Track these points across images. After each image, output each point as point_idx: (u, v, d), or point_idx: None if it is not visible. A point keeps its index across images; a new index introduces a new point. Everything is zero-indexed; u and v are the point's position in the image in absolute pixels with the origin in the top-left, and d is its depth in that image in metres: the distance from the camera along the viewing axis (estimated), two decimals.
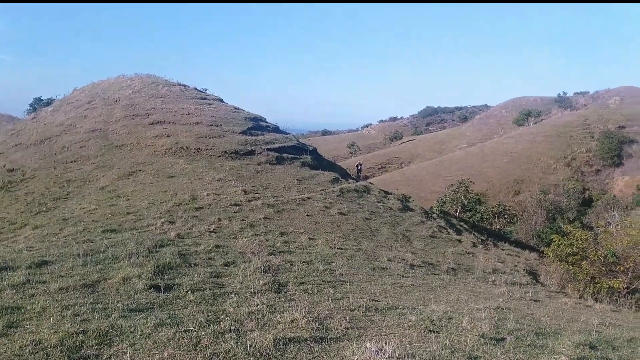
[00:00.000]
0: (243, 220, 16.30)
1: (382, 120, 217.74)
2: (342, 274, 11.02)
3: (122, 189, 20.90)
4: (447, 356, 5.63)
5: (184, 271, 9.26)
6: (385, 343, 5.29)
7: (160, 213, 15.96)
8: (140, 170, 23.75)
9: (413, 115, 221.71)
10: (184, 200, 17.75)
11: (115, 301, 7.07)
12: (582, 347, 6.96)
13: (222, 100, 43.08)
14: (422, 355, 5.52)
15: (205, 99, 41.28)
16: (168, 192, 19.32)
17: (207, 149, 27.27)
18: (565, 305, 12.65)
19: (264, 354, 5.17)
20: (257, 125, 36.17)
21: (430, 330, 6.79)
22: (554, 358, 6.12)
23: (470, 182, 45.98)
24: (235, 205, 18.23)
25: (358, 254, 14.29)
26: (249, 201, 19.14)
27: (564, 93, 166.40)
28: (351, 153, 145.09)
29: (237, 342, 5.45)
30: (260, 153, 28.66)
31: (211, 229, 14.34)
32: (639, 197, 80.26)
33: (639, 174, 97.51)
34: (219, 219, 15.90)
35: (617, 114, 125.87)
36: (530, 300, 12.23)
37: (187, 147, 27.39)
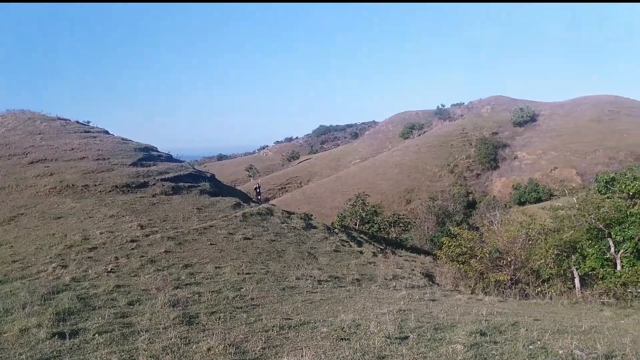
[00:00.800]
0: (142, 256, 15.70)
1: (278, 141, 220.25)
2: (253, 298, 11.14)
3: (4, 236, 19.06)
4: (359, 359, 6.06)
5: (86, 315, 8.80)
6: (302, 356, 5.58)
7: (51, 257, 14.84)
8: (22, 214, 21.79)
9: (308, 134, 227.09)
10: (76, 242, 16.65)
11: (17, 354, 6.58)
12: (474, 335, 7.80)
13: (107, 132, 41.00)
14: None
15: (89, 132, 38.99)
16: (57, 235, 17.99)
17: (95, 185, 25.75)
18: (459, 301, 13.86)
19: None
20: (148, 155, 34.89)
21: (342, 338, 7.22)
22: (451, 347, 6.83)
23: (366, 195, 48.17)
24: (132, 241, 17.46)
25: (267, 276, 14.46)
26: (147, 236, 18.44)
27: (442, 105, 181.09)
28: (250, 176, 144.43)
29: None
30: (154, 184, 27.66)
31: (109, 269, 13.64)
32: (515, 195, 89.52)
33: (513, 174, 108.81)
34: (116, 258, 15.16)
35: (490, 121, 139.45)
36: (429, 300, 13.25)
37: (73, 185, 25.63)
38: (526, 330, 8.75)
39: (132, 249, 16.50)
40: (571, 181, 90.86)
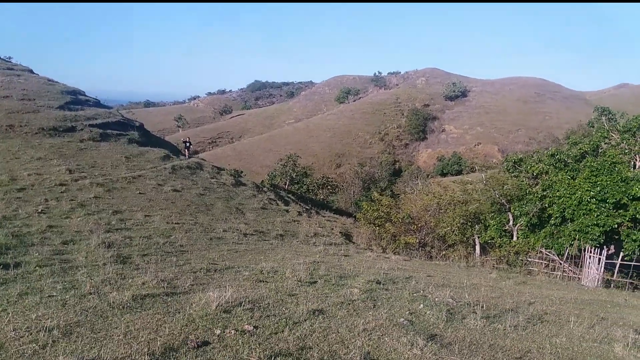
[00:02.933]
0: (72, 200, 16.00)
1: (210, 92, 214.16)
2: (182, 245, 12.10)
3: None
4: (273, 295, 7.31)
5: (23, 250, 9.37)
6: (225, 292, 6.70)
7: None
8: None
9: (242, 89, 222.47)
10: (3, 181, 16.56)
11: None
12: (371, 283, 9.33)
13: (32, 71, 38.86)
14: (254, 296, 7.10)
15: (12, 69, 36.82)
16: None
17: (21, 126, 24.94)
18: (369, 257, 15.58)
19: (125, 306, 6.14)
20: (75, 99, 33.78)
21: (261, 281, 8.46)
22: (349, 290, 8.27)
23: (298, 156, 49.32)
24: (61, 185, 17.61)
25: (195, 227, 15.38)
26: (76, 180, 18.60)
27: (379, 72, 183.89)
28: (179, 127, 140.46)
29: (100, 300, 6.31)
30: (82, 129, 27.20)
31: (39, 210, 13.95)
32: (439, 166, 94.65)
33: (439, 147, 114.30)
34: (46, 200, 15.39)
35: (423, 93, 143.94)
36: (342, 255, 14.85)
37: None
38: (416, 282, 10.45)
39: (61, 192, 16.71)
40: (492, 157, 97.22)
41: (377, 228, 23.70)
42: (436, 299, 8.63)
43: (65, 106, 30.43)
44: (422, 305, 7.88)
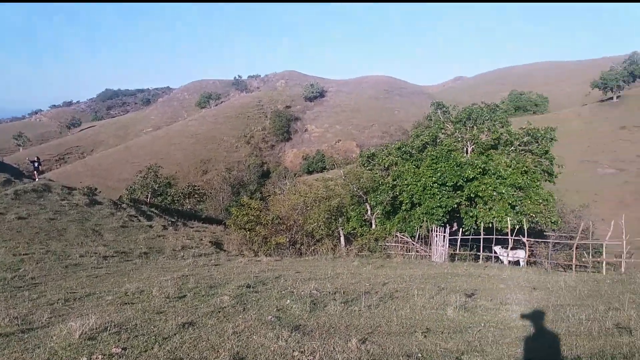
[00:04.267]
0: None
1: (55, 105, 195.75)
2: (34, 277, 11.19)
3: None
4: (140, 316, 7.25)
5: None
6: (88, 319, 6.51)
7: None
8: None
9: (91, 99, 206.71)
10: None
11: None
12: (241, 287, 9.67)
13: None
14: (119, 319, 6.98)
15: None
16: None
17: None
18: (240, 263, 15.83)
19: None
20: None
21: (126, 303, 8.28)
22: (219, 299, 8.51)
23: (159, 166, 47.34)
24: None
25: (47, 256, 14.23)
26: None
27: (240, 76, 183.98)
28: (19, 145, 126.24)
29: None
30: None
31: None
32: (305, 165, 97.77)
33: (304, 146, 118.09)
34: None
35: (284, 95, 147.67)
36: (212, 265, 14.90)
37: None
38: (285, 280, 11.03)
39: None
40: (352, 152, 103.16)
41: (248, 232, 23.96)
42: (302, 293, 9.27)
43: None
44: (288, 301, 8.45)
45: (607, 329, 6.76)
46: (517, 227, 19.73)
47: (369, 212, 25.02)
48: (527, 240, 18.82)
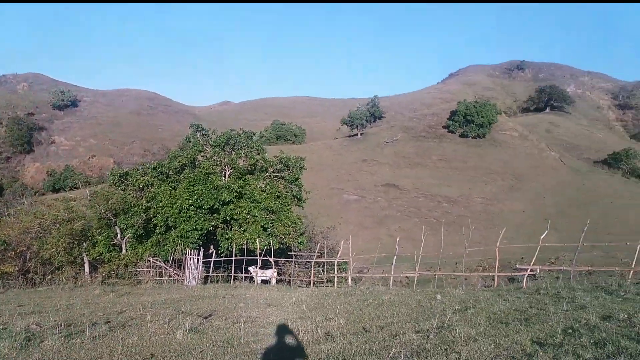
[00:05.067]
0: None
1: None
2: None
3: None
4: None
5: None
6: None
7: None
8: None
9: None
10: None
11: None
12: None
13: None
14: None
15: None
16: None
17: None
18: None
19: None
20: None
21: None
22: None
23: None
24: None
25: None
26: None
27: None
28: None
29: None
30: None
31: None
32: (49, 182, 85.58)
33: (49, 160, 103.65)
34: None
35: (26, 100, 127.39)
36: None
37: None
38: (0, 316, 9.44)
39: None
40: (108, 169, 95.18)
41: None
42: (17, 329, 8.07)
43: None
44: None
45: (317, 337, 7.71)
46: (267, 248, 21.04)
47: (119, 236, 23.36)
48: (277, 260, 20.29)
